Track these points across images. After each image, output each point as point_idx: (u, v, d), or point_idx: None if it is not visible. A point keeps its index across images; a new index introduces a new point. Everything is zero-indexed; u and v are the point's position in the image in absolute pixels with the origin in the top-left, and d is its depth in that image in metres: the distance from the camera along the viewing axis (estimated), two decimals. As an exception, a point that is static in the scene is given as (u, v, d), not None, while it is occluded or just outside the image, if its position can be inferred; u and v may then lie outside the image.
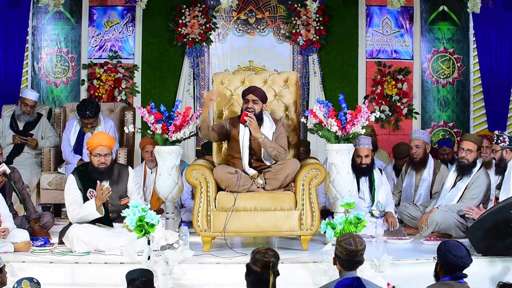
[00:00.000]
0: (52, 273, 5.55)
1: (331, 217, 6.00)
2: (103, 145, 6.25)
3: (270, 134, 6.43)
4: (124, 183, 6.36)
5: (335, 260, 4.48)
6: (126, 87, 9.39)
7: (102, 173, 6.25)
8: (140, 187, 6.50)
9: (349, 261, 4.38)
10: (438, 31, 9.66)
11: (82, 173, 6.30)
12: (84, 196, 6.22)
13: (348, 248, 4.36)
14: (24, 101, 8.08)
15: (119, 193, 6.30)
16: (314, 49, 9.47)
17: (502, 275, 5.73)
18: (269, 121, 6.48)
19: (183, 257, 5.56)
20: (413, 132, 7.79)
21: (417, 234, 6.93)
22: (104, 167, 6.25)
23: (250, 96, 6.42)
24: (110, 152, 6.30)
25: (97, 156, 6.24)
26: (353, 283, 3.91)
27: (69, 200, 6.25)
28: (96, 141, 6.28)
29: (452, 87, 9.69)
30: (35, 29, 9.31)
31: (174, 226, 6.64)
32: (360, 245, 4.39)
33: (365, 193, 7.17)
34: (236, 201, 6.12)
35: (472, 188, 6.79)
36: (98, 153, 6.24)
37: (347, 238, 4.41)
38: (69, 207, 6.24)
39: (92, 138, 6.42)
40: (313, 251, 6.08)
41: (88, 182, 6.25)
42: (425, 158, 7.53)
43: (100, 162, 6.24)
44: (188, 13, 9.36)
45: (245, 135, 6.37)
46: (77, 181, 6.25)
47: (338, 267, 4.46)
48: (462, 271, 4.45)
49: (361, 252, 4.40)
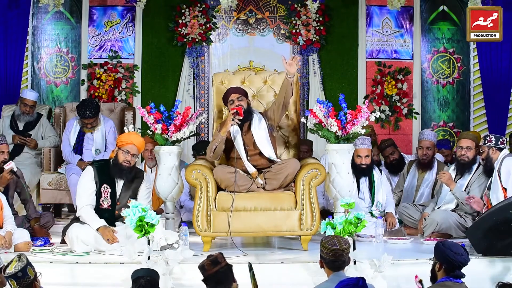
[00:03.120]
0: (52, 273, 5.54)
1: (331, 217, 6.00)
2: (135, 145, 6.27)
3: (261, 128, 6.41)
4: (137, 186, 6.37)
5: (322, 263, 4.52)
6: (126, 87, 9.39)
7: (123, 171, 6.26)
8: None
9: (336, 262, 4.44)
10: (438, 31, 9.66)
11: (101, 168, 6.31)
12: (97, 191, 6.22)
13: (333, 249, 4.42)
14: (23, 101, 8.08)
15: (130, 195, 6.31)
16: (314, 49, 9.47)
17: (502, 275, 5.73)
18: (258, 117, 6.48)
19: (183, 257, 5.55)
20: (423, 133, 7.75)
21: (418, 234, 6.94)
22: (127, 166, 6.26)
23: (233, 96, 6.44)
24: (137, 154, 6.33)
25: (125, 153, 6.25)
26: (358, 283, 3.93)
27: (81, 190, 6.26)
28: (129, 139, 6.29)
29: (452, 87, 9.69)
30: (35, 29, 9.31)
31: (174, 226, 6.64)
32: (344, 244, 4.46)
33: (365, 193, 7.17)
34: (235, 201, 6.12)
35: (474, 187, 6.81)
36: (128, 150, 6.24)
37: (330, 239, 4.51)
38: (79, 198, 6.25)
39: (125, 135, 6.42)
40: (313, 251, 6.08)
41: (105, 177, 6.26)
42: (433, 160, 7.55)
43: (126, 159, 6.25)
44: (188, 13, 9.37)
45: (236, 133, 6.37)
46: (95, 173, 6.26)
47: (326, 270, 4.52)
48: (460, 270, 4.46)
49: (346, 251, 4.47)
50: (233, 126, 6.31)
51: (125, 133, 6.54)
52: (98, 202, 6.24)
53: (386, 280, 5.43)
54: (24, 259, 4.38)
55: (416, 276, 4.75)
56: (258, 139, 6.40)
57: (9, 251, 5.91)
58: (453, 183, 6.78)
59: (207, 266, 4.22)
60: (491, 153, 6.64)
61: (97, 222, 6.11)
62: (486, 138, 6.71)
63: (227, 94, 6.50)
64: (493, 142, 6.65)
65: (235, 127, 6.35)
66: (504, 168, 6.45)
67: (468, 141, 6.90)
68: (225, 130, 6.31)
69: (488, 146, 6.66)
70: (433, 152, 7.59)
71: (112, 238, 6.01)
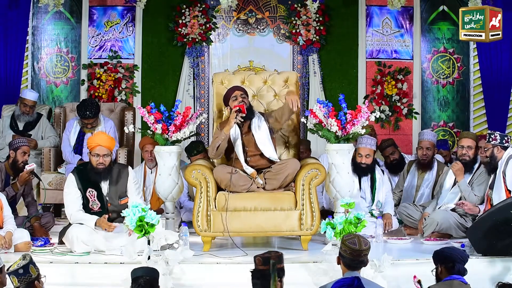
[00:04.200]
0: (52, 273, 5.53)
1: (331, 217, 6.00)
2: (102, 146, 6.24)
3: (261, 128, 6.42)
4: (124, 183, 6.36)
5: (339, 260, 4.50)
6: (126, 87, 9.39)
7: (101, 173, 6.25)
8: (139, 187, 6.51)
9: (353, 261, 4.40)
10: (438, 31, 9.66)
11: (81, 173, 6.31)
12: (83, 196, 6.23)
13: (352, 247, 4.39)
14: (23, 101, 8.08)
15: (119, 193, 6.31)
16: (314, 49, 9.47)
17: (502, 275, 5.73)
18: (258, 118, 6.48)
19: (183, 257, 5.55)
20: (423, 133, 7.74)
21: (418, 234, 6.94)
22: (103, 168, 6.25)
23: (237, 93, 6.44)
24: (109, 153, 6.29)
25: (95, 156, 6.24)
26: (353, 283, 3.92)
27: (68, 199, 6.26)
28: (95, 141, 6.27)
29: (452, 87, 9.69)
30: (35, 29, 9.31)
31: (174, 226, 6.63)
32: (364, 245, 4.42)
33: (367, 193, 7.17)
34: (235, 201, 6.12)
35: (474, 186, 6.81)
36: (97, 153, 6.23)
37: (352, 237, 4.46)
38: (67, 207, 6.26)
39: (91, 138, 6.42)
40: (313, 251, 6.08)
41: (87, 182, 6.26)
42: (432, 160, 7.55)
43: (99, 162, 6.23)
44: (188, 13, 9.37)
45: (236, 134, 6.37)
46: (77, 180, 6.26)
47: (342, 267, 4.49)
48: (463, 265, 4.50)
49: (365, 252, 4.43)
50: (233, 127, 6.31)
51: (91, 136, 6.59)
52: (88, 207, 6.24)
53: (386, 280, 5.43)
54: (28, 258, 4.40)
55: (414, 277, 4.75)
56: (259, 139, 6.40)
57: (9, 251, 5.91)
58: (462, 174, 6.78)
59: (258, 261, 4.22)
60: (496, 151, 6.62)
61: (90, 219, 6.12)
62: (490, 136, 6.65)
63: (230, 91, 6.49)
64: (498, 141, 6.63)
65: (236, 130, 6.34)
66: (510, 170, 6.44)
67: (469, 141, 6.91)
68: (229, 128, 6.30)
69: (493, 144, 6.64)
70: (433, 153, 7.59)
71: (108, 226, 6.03)
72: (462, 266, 4.58)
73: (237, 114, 6.25)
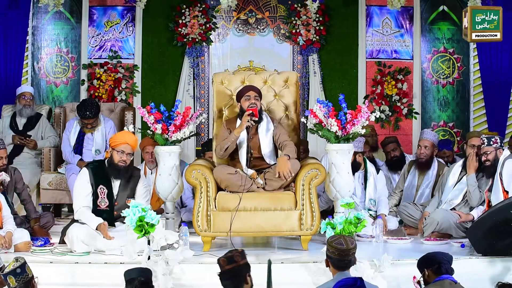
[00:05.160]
0: (52, 273, 5.55)
1: (331, 217, 6.00)
2: (129, 144, 6.26)
3: (268, 133, 6.43)
4: (134, 185, 6.37)
5: (328, 262, 4.53)
6: (126, 87, 9.39)
7: (119, 171, 6.26)
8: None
9: (341, 261, 4.45)
10: (438, 31, 9.66)
11: (96, 169, 6.31)
12: (94, 192, 6.23)
13: (340, 248, 4.43)
14: (22, 94, 8.11)
15: (128, 194, 6.31)
16: (314, 49, 9.47)
17: (502, 275, 5.73)
18: (267, 120, 6.50)
19: (183, 257, 5.56)
20: (423, 132, 7.76)
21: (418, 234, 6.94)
22: (123, 165, 6.25)
23: (251, 93, 6.45)
24: (132, 153, 6.32)
25: (120, 153, 6.24)
26: (356, 283, 3.93)
27: (78, 193, 6.27)
28: (124, 138, 6.29)
29: (452, 87, 9.69)
30: (35, 29, 9.31)
31: (174, 226, 6.64)
32: (351, 244, 4.47)
33: (357, 188, 7.16)
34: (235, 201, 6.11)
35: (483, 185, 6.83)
36: (122, 150, 6.23)
37: (337, 238, 4.53)
38: (75, 200, 6.26)
39: (118, 135, 6.43)
40: (313, 251, 6.08)
41: (101, 179, 6.26)
42: (431, 160, 7.54)
43: (122, 159, 6.24)
44: (188, 13, 9.37)
45: (242, 136, 6.38)
46: (90, 175, 6.26)
47: (331, 269, 4.53)
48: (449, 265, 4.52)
49: (352, 251, 4.47)
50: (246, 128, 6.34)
51: (118, 133, 6.55)
52: (95, 203, 6.24)
53: (386, 280, 5.43)
54: (22, 260, 4.40)
55: (414, 277, 4.76)
56: (264, 145, 6.43)
57: (9, 251, 5.91)
58: (474, 170, 6.75)
59: (222, 262, 4.19)
60: (498, 154, 6.63)
61: (94, 221, 6.11)
62: (491, 139, 6.67)
63: (245, 90, 6.50)
64: (499, 144, 6.66)
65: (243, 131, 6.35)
66: (506, 171, 6.45)
67: (478, 140, 6.96)
68: (240, 130, 6.33)
69: (495, 147, 6.65)
70: (431, 152, 7.56)
71: (106, 235, 6.03)
72: (448, 266, 4.60)
73: (250, 118, 6.26)
